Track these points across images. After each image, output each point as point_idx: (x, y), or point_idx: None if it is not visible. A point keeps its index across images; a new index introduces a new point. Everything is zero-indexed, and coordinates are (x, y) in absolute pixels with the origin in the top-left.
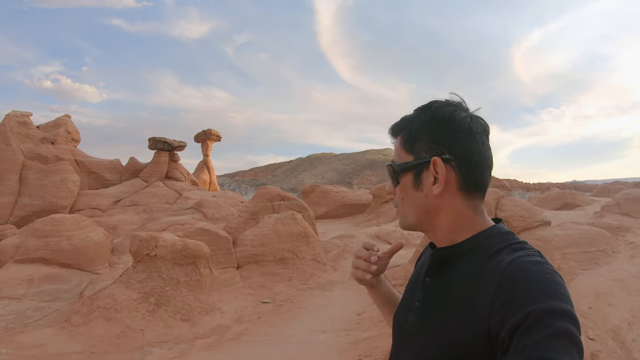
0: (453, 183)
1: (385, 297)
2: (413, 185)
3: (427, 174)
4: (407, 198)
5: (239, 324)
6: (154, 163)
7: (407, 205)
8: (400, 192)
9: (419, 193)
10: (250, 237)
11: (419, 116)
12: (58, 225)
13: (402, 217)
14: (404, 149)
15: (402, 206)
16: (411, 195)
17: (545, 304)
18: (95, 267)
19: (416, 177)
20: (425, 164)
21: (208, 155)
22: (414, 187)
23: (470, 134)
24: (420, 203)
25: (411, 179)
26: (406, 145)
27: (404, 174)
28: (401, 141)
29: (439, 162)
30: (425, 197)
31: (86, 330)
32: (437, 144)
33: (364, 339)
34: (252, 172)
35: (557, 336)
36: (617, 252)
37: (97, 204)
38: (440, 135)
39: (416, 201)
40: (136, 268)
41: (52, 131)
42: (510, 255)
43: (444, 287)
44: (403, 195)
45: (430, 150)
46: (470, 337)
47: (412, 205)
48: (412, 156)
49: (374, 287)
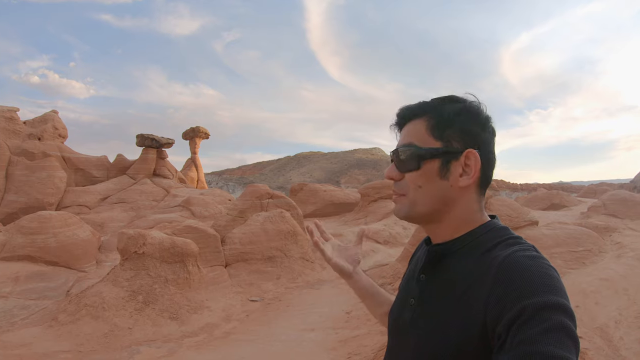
0: (476, 178)
1: (365, 289)
2: (439, 173)
3: (455, 164)
4: (427, 185)
5: (228, 322)
6: (142, 160)
7: (423, 193)
8: (418, 178)
9: (444, 182)
10: (238, 235)
11: (450, 104)
12: (45, 223)
13: (411, 204)
14: (431, 134)
15: (416, 193)
16: (433, 183)
17: (541, 298)
18: (82, 265)
19: (444, 165)
20: (456, 154)
21: (196, 153)
22: (439, 175)
23: (492, 134)
24: (442, 193)
25: (438, 166)
26: (435, 130)
27: (430, 160)
28: (428, 125)
29: (475, 155)
30: (450, 187)
31: (73, 329)
32: (470, 136)
33: (353, 337)
34: (240, 170)
35: (553, 330)
36: (603, 251)
37: (84, 201)
38: (473, 128)
39: (438, 190)
40: (124, 266)
41: (39, 127)
42: (506, 250)
43: (439, 284)
44: (421, 182)
45: (462, 141)
46: (466, 332)
47: (430, 194)
48: (440, 143)
49: (352, 277)
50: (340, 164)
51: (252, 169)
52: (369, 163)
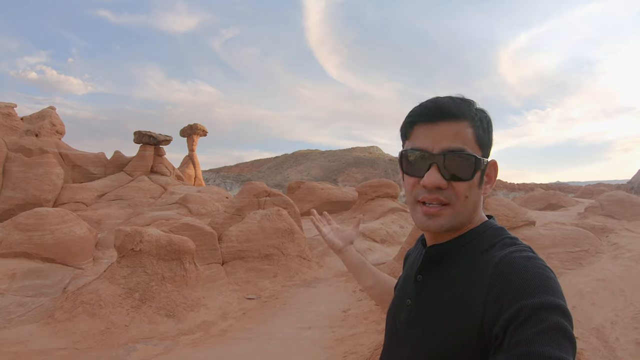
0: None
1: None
2: (479, 183)
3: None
4: (472, 195)
5: (224, 320)
6: (139, 157)
7: (468, 203)
8: (467, 188)
9: (479, 191)
10: (235, 233)
11: (479, 111)
12: (42, 219)
13: (456, 215)
14: (477, 142)
15: (462, 204)
16: (475, 193)
17: (538, 298)
18: (79, 262)
19: (482, 175)
20: (487, 163)
21: (194, 150)
22: (478, 185)
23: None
24: (478, 201)
25: (479, 177)
26: (479, 139)
27: (479, 170)
28: (475, 132)
29: (496, 166)
30: (481, 195)
31: (70, 326)
32: (491, 146)
33: (350, 335)
34: (237, 167)
35: (550, 330)
36: (600, 252)
37: (81, 198)
38: (492, 139)
39: (477, 199)
40: (120, 263)
41: (37, 123)
42: (502, 250)
43: (436, 284)
44: (468, 192)
45: (489, 151)
46: (463, 333)
47: (473, 203)
48: (481, 153)
49: (342, 253)
50: (338, 162)
51: (250, 166)
52: (367, 161)
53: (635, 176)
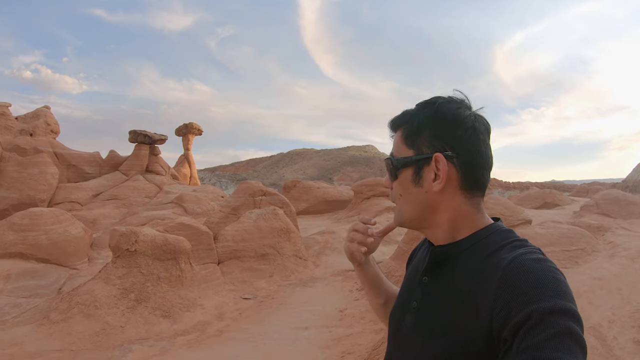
0: (454, 180)
1: (372, 278)
2: (413, 180)
3: (427, 170)
4: (406, 194)
5: (220, 320)
6: (134, 156)
7: (405, 201)
8: (398, 187)
9: (418, 189)
10: (231, 233)
11: (422, 111)
12: (36, 220)
13: (399, 213)
14: (404, 144)
15: (400, 202)
16: (410, 191)
17: (549, 302)
18: (74, 262)
19: (416, 173)
20: (427, 160)
21: (189, 149)
22: (413, 183)
23: (473, 133)
24: (419, 199)
25: (411, 174)
26: (407, 140)
27: (404, 169)
28: (402, 135)
29: (441, 159)
30: (425, 193)
31: (65, 327)
32: (440, 140)
33: (347, 335)
34: (233, 166)
35: (561, 335)
36: (597, 251)
37: (76, 198)
38: (443, 131)
39: (415, 197)
40: (116, 263)
41: (31, 122)
42: (512, 252)
43: (442, 286)
44: (401, 191)
45: (432, 146)
46: (471, 336)
47: (411, 201)
48: (412, 151)
49: (362, 265)
50: (334, 161)
51: (245, 165)
52: (362, 160)
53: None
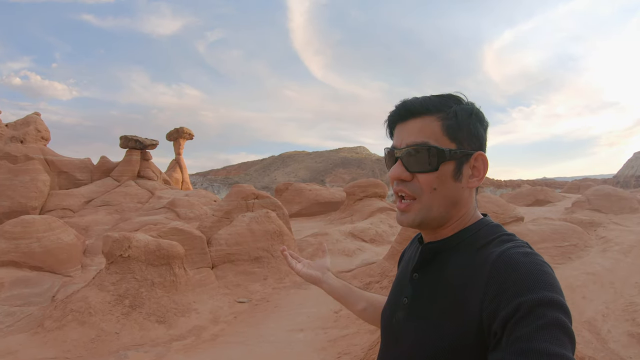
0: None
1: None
2: (453, 174)
3: (466, 167)
4: (442, 188)
5: (216, 324)
6: (126, 162)
7: (437, 196)
8: (434, 179)
9: (457, 184)
10: (224, 237)
11: (459, 106)
12: (28, 227)
13: (426, 209)
14: (446, 134)
15: (430, 196)
16: (448, 186)
17: (537, 294)
18: (67, 269)
19: (458, 167)
20: (468, 156)
21: (180, 154)
22: (453, 177)
23: (487, 137)
24: (455, 195)
25: (453, 168)
26: (450, 131)
27: (447, 162)
28: (443, 125)
29: (484, 158)
30: (461, 188)
31: (60, 335)
32: (477, 139)
33: (342, 336)
34: (224, 170)
35: (549, 327)
36: (589, 246)
37: (68, 204)
38: (480, 131)
39: (451, 192)
40: (109, 270)
41: (22, 129)
42: (500, 247)
43: (433, 282)
44: (437, 184)
45: (471, 143)
46: (461, 330)
47: (445, 196)
48: (454, 144)
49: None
50: (325, 163)
51: (237, 169)
52: (354, 162)
53: (620, 170)
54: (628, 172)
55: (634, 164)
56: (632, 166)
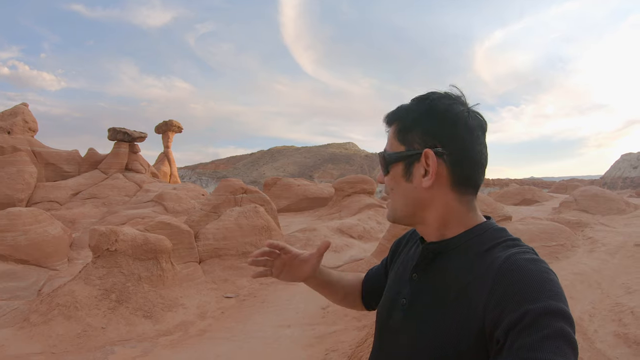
0: (444, 177)
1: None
2: (403, 175)
3: (418, 166)
4: (397, 188)
5: (203, 319)
6: (114, 154)
7: (396, 196)
8: (389, 181)
9: (408, 184)
10: (212, 231)
11: (416, 106)
12: (14, 220)
13: (392, 209)
14: (396, 139)
15: (392, 196)
16: (401, 186)
17: (542, 303)
18: (54, 262)
19: (407, 168)
20: (417, 156)
21: (169, 147)
22: (404, 178)
23: (465, 129)
24: (410, 195)
25: (401, 169)
26: (399, 135)
27: (395, 164)
28: (395, 130)
29: (430, 155)
30: (415, 188)
31: (46, 330)
32: (431, 136)
33: (330, 333)
34: (213, 164)
35: (553, 337)
36: (576, 246)
37: (55, 197)
38: (435, 127)
39: (405, 192)
40: (96, 263)
41: (9, 120)
42: (505, 252)
43: (433, 284)
44: (393, 185)
45: (423, 142)
46: (462, 334)
47: (401, 196)
48: (404, 147)
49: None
50: (314, 159)
51: (226, 163)
52: (343, 158)
53: (608, 171)
54: (615, 173)
55: (621, 166)
56: (619, 168)
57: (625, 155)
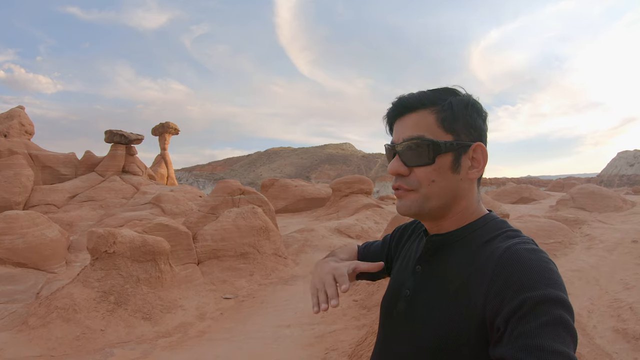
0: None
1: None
2: (452, 166)
3: (465, 158)
4: (441, 180)
5: (202, 321)
6: (111, 157)
7: (436, 188)
8: (432, 172)
9: (455, 176)
10: (210, 232)
11: (455, 97)
12: (12, 223)
13: (424, 200)
14: (442, 126)
15: (429, 188)
16: (447, 177)
17: (542, 291)
18: (52, 265)
19: (456, 159)
20: (466, 147)
21: (166, 149)
22: (451, 169)
23: (487, 129)
24: (454, 186)
25: (451, 160)
26: (445, 123)
27: (444, 154)
28: (437, 117)
29: (483, 149)
30: (460, 180)
31: (44, 333)
32: (475, 130)
33: (330, 332)
34: (210, 166)
35: (552, 324)
36: (574, 243)
37: (52, 200)
38: (478, 122)
39: (450, 184)
40: (94, 266)
41: (5, 123)
42: (506, 242)
43: (436, 275)
44: (435, 177)
45: (470, 135)
46: (464, 324)
47: (444, 188)
48: (451, 136)
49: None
50: (311, 160)
51: (223, 164)
52: (340, 158)
53: (604, 169)
54: (612, 171)
55: (617, 164)
56: (615, 165)
57: (621, 152)
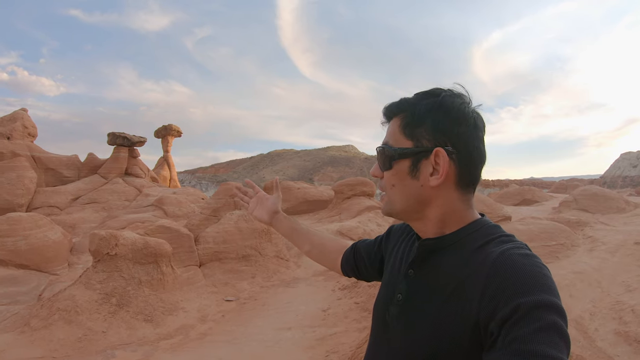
0: (451, 176)
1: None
2: (409, 172)
3: (425, 163)
4: (399, 185)
5: (203, 323)
6: (113, 159)
7: (397, 192)
8: (391, 177)
9: (414, 182)
10: (212, 234)
11: (424, 101)
12: (15, 225)
13: (389, 203)
14: (402, 133)
15: (391, 192)
16: (405, 183)
17: (535, 296)
18: (54, 267)
19: (414, 165)
20: (426, 153)
21: (168, 151)
22: (409, 175)
23: (474, 130)
24: (414, 192)
25: (408, 166)
26: (406, 129)
27: (400, 160)
28: (401, 124)
29: (442, 154)
30: (421, 186)
31: (46, 334)
32: (442, 134)
33: (330, 335)
34: (213, 168)
35: (546, 329)
36: (576, 245)
37: (55, 202)
38: (446, 125)
39: (409, 189)
40: (96, 268)
41: (8, 126)
42: (499, 247)
43: (428, 280)
44: (394, 182)
45: (433, 140)
46: (458, 329)
47: (403, 193)
48: (411, 142)
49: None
50: (314, 162)
51: (225, 167)
52: (342, 160)
53: (607, 171)
54: (615, 172)
55: (620, 165)
56: (619, 167)
57: (624, 154)
